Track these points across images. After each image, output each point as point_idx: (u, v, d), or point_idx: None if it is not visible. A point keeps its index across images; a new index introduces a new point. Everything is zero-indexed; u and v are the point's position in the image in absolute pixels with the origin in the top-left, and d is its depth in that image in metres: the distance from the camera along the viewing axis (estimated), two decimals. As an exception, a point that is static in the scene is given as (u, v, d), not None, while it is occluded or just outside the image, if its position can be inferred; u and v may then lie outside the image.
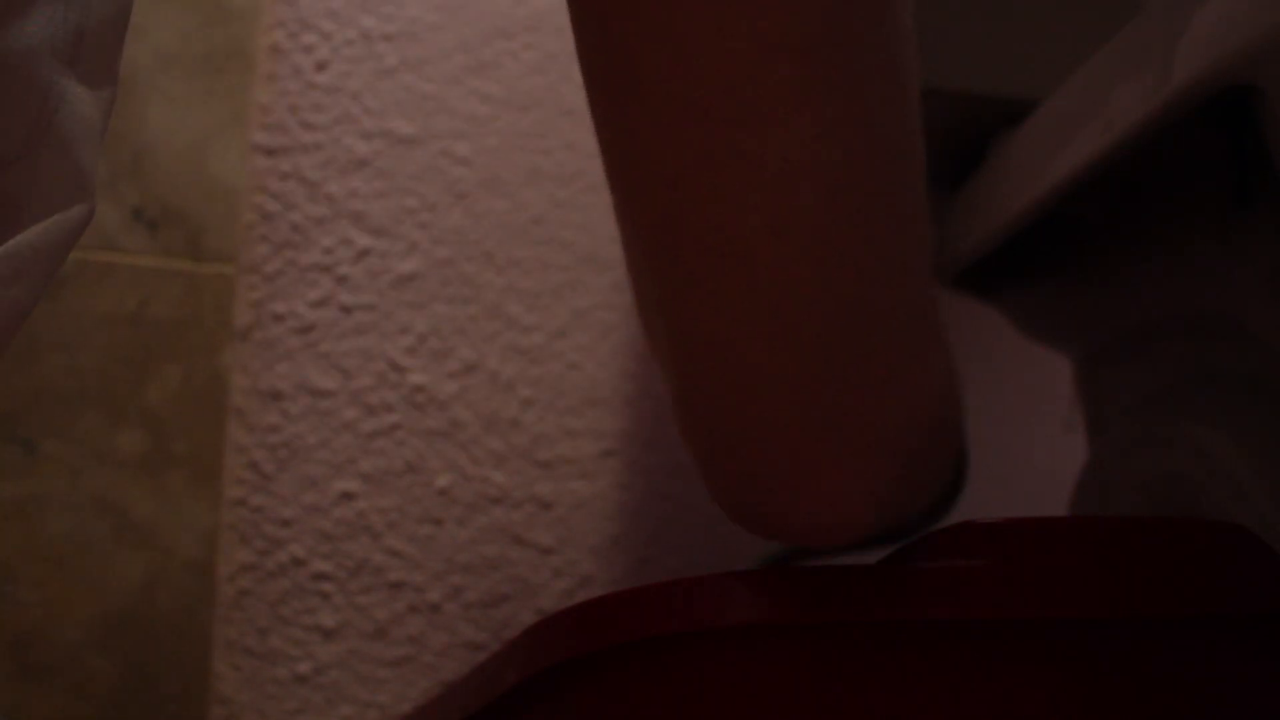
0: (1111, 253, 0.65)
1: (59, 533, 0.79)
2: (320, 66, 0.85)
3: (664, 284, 0.40)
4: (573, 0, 0.39)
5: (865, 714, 0.37)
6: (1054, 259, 0.70)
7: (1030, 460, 0.91)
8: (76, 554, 0.79)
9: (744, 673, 0.37)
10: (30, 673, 0.78)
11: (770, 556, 0.77)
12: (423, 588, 0.83)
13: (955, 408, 0.48)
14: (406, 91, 0.85)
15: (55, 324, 0.80)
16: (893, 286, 0.41)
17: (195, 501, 0.81)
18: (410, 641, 0.82)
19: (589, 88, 0.40)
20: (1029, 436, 0.91)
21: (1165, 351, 0.63)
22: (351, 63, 0.85)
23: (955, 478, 0.72)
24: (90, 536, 0.79)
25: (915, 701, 0.37)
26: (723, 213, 0.38)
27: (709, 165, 0.37)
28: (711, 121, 0.36)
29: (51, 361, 0.80)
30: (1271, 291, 0.53)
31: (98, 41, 0.36)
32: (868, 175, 0.39)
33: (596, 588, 0.85)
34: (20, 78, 0.34)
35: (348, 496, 0.82)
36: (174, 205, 0.83)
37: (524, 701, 0.40)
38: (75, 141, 0.36)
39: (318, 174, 0.84)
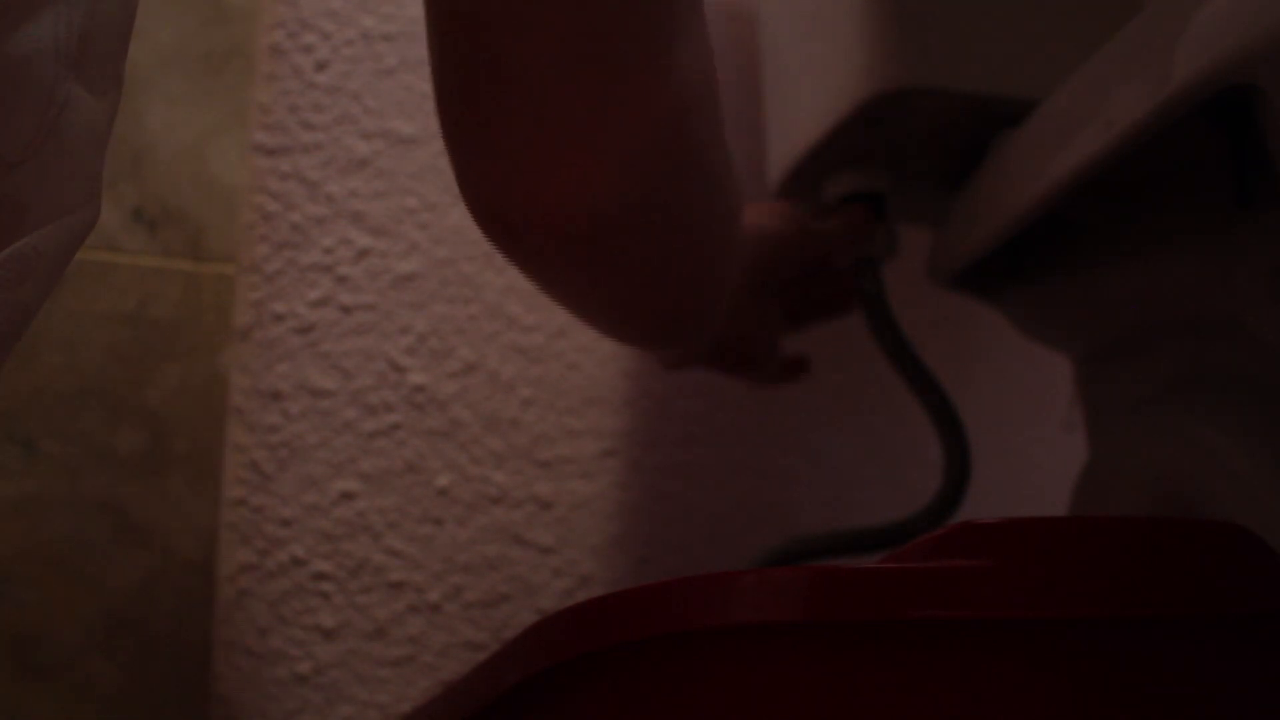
0: (1112, 252, 0.66)
1: (59, 533, 0.79)
2: (320, 66, 0.85)
3: None
4: None
5: (865, 713, 0.37)
6: (1054, 259, 0.70)
7: (1030, 460, 0.91)
8: (76, 554, 0.79)
9: (743, 672, 0.37)
10: (30, 673, 0.78)
11: (770, 557, 0.77)
12: (423, 588, 0.83)
13: (703, 119, 0.50)
14: (406, 91, 0.85)
15: (55, 324, 0.80)
16: None
17: (195, 501, 0.82)
18: (410, 641, 0.82)
19: None
20: (1029, 436, 0.92)
21: (1165, 351, 0.63)
22: (351, 63, 0.85)
23: (957, 478, 0.72)
24: (90, 536, 0.79)
25: (916, 701, 0.37)
26: None
27: None
28: None
29: (51, 361, 0.80)
30: (1271, 291, 0.53)
31: (101, 46, 0.37)
32: None
33: (596, 587, 0.85)
34: (24, 81, 0.34)
35: (348, 496, 0.83)
36: (174, 205, 0.83)
37: (524, 701, 0.40)
38: (79, 145, 0.36)
39: (318, 174, 0.84)
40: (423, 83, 0.86)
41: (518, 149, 0.46)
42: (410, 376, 0.84)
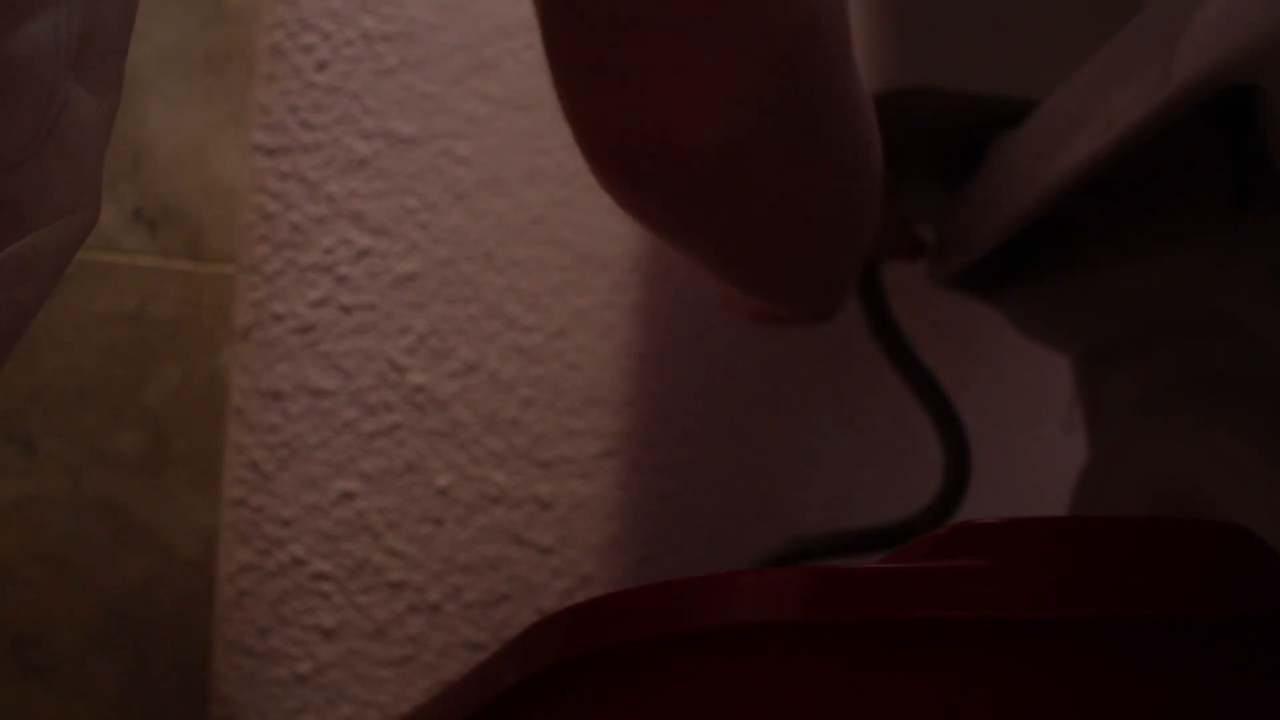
0: (1111, 253, 0.66)
1: (59, 533, 0.79)
2: (320, 66, 0.85)
3: None
4: None
5: (865, 714, 0.37)
6: (1054, 259, 0.70)
7: (1030, 460, 0.91)
8: (76, 554, 0.79)
9: (743, 673, 0.37)
10: (30, 673, 0.78)
11: (770, 557, 0.77)
12: (423, 588, 0.83)
13: (833, 40, 0.48)
14: (406, 91, 0.85)
15: (55, 324, 0.80)
16: None
17: (195, 501, 0.82)
18: (410, 641, 0.82)
19: None
20: (1029, 436, 0.92)
21: (1165, 351, 0.63)
22: (351, 63, 0.85)
23: (958, 479, 0.72)
24: (90, 536, 0.79)
25: (916, 702, 0.37)
26: None
27: None
28: None
29: (51, 361, 0.80)
30: (1271, 291, 0.53)
31: (102, 46, 0.37)
32: None
33: (596, 588, 0.85)
34: (24, 81, 0.34)
35: (348, 496, 0.83)
36: (174, 205, 0.83)
37: (524, 701, 0.40)
38: (79, 145, 0.36)
39: (318, 174, 0.84)
40: (423, 83, 0.86)
41: (639, 75, 0.44)
42: (410, 376, 0.84)
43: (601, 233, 0.87)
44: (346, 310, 0.84)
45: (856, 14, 0.68)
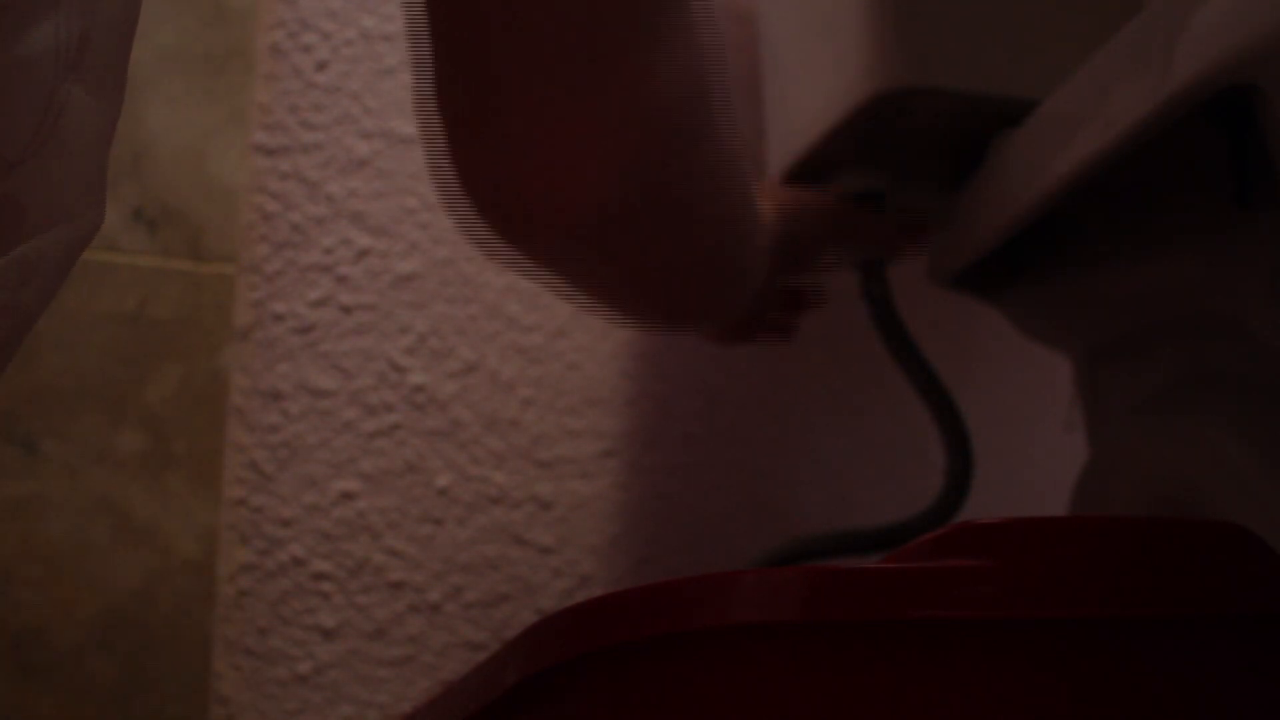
0: (1112, 252, 0.66)
1: (59, 533, 0.79)
2: (320, 66, 0.85)
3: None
4: None
5: (865, 713, 0.37)
6: (1054, 259, 0.70)
7: (1030, 460, 0.91)
8: (76, 554, 0.79)
9: (743, 673, 0.37)
10: (30, 673, 0.78)
11: (770, 557, 0.77)
12: (423, 588, 0.83)
13: (697, 112, 0.50)
14: (406, 91, 0.85)
15: (55, 324, 0.80)
16: None
17: (195, 501, 0.82)
18: (410, 641, 0.82)
19: None
20: (1029, 436, 0.92)
21: (1165, 351, 0.63)
22: (351, 63, 0.85)
23: (960, 477, 0.72)
24: (90, 536, 0.79)
25: (915, 702, 0.37)
26: None
27: None
28: None
29: (51, 361, 0.80)
30: (1271, 291, 0.53)
31: (103, 49, 0.36)
32: None
33: (596, 587, 0.85)
34: (24, 82, 0.34)
35: (348, 496, 0.83)
36: (174, 205, 0.83)
37: (524, 701, 0.40)
38: (80, 147, 0.36)
39: (318, 174, 0.84)
40: (423, 83, 0.85)
41: (520, 140, 0.46)
42: (410, 376, 0.84)
43: (601, 233, 0.87)
44: (346, 310, 0.84)
45: (856, 14, 0.68)
